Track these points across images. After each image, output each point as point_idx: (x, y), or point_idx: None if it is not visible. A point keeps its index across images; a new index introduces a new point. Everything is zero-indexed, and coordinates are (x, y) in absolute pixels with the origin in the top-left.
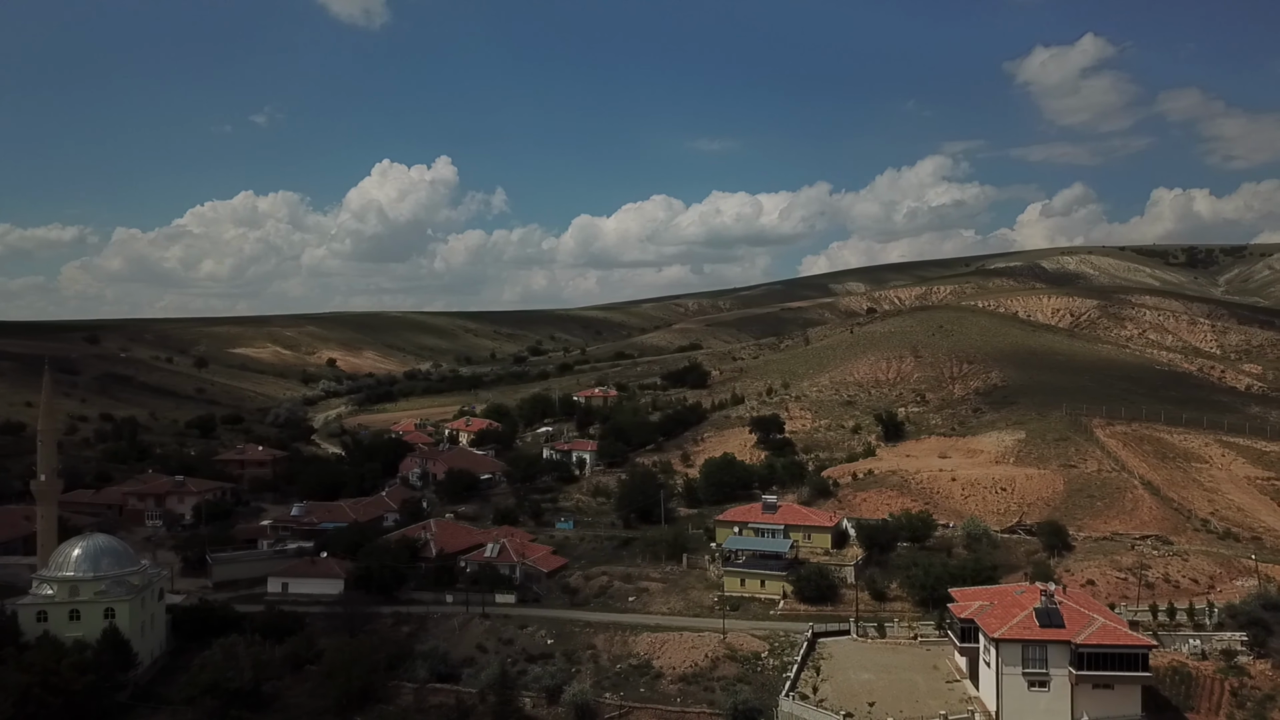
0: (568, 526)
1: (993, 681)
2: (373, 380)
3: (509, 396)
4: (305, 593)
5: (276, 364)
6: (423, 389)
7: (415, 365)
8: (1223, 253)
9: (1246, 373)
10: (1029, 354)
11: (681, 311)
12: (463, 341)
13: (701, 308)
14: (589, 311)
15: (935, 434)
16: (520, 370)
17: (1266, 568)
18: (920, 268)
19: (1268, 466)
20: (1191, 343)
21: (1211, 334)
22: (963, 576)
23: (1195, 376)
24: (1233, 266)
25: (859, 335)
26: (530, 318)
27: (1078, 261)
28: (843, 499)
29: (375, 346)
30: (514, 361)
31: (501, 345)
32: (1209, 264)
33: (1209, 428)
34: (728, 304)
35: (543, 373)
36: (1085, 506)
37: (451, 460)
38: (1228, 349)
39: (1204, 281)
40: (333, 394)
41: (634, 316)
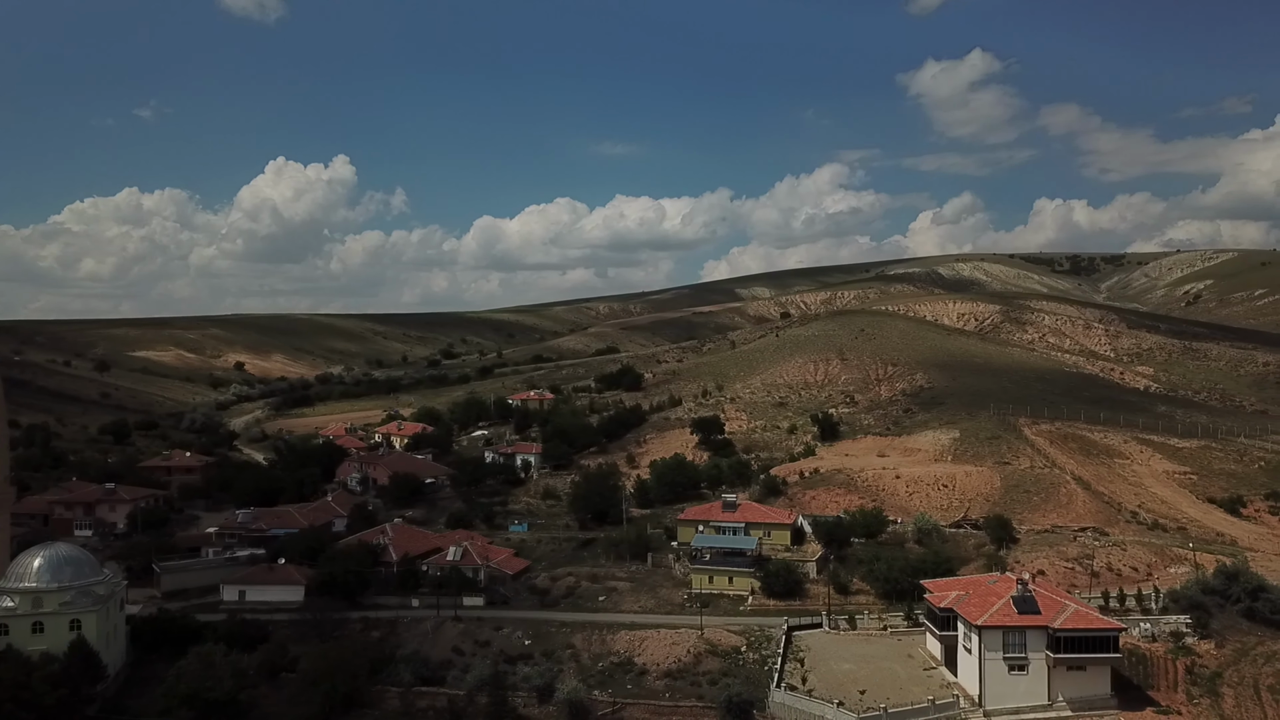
0: (522, 529)
1: (974, 667)
2: (286, 384)
3: (432, 400)
4: (264, 600)
5: (181, 367)
6: (340, 393)
7: (326, 369)
8: (1103, 261)
9: (1141, 374)
10: (948, 356)
11: (593, 315)
12: (372, 345)
13: (613, 311)
14: (499, 314)
15: (870, 434)
16: (439, 373)
17: (1196, 555)
18: (822, 273)
19: (1182, 462)
20: (1088, 346)
21: (1105, 338)
22: (923, 570)
23: (1101, 378)
24: (1113, 274)
25: (784, 339)
26: (439, 320)
27: (971, 268)
28: (793, 497)
29: (283, 350)
30: (428, 365)
31: (412, 348)
32: (1091, 271)
33: (1125, 426)
34: (638, 308)
35: (463, 376)
36: (1023, 501)
37: (392, 464)
38: (1120, 352)
39: (1087, 288)
40: (245, 398)
41: (546, 319)
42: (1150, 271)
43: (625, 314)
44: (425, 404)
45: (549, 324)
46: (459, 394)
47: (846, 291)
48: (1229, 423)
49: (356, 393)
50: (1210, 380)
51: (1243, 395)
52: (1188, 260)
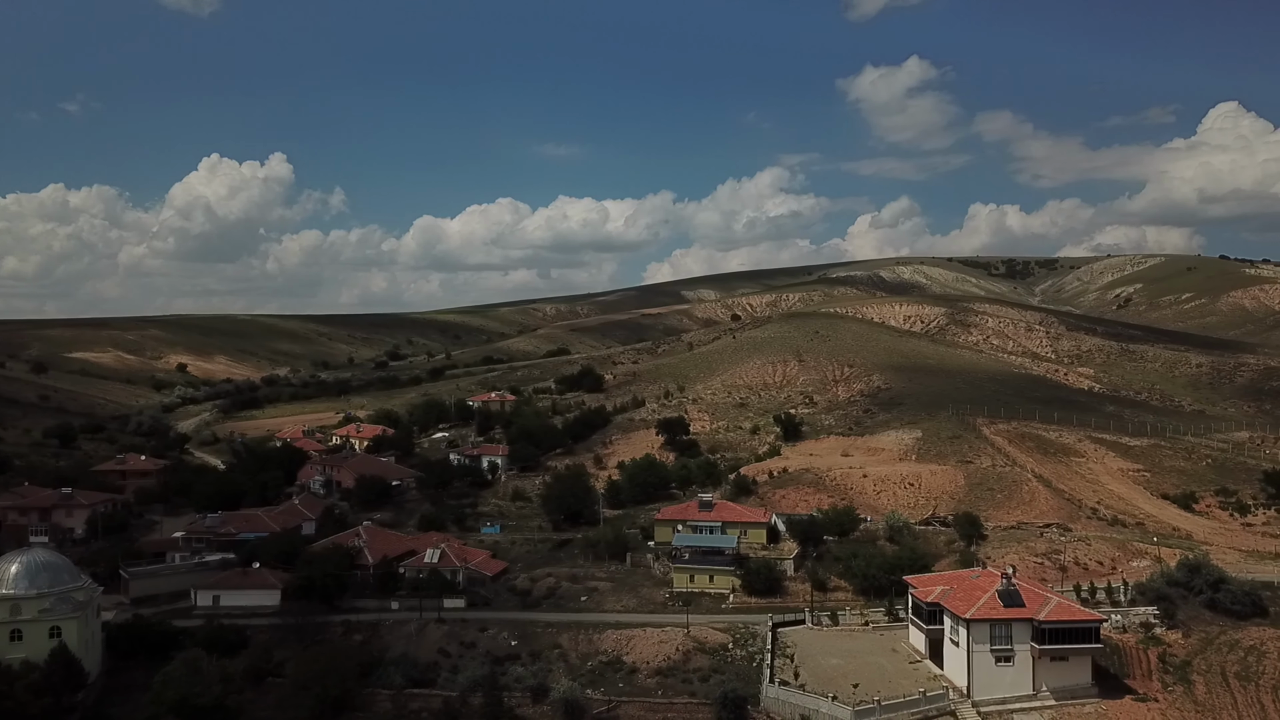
0: (494, 531)
1: (962, 659)
2: (232, 386)
3: (384, 402)
4: (239, 605)
5: (121, 369)
6: (289, 395)
7: (271, 370)
8: (1037, 264)
9: (1083, 375)
10: (901, 358)
11: (540, 316)
12: (317, 346)
13: (559, 313)
14: (445, 315)
15: (833, 434)
16: (389, 375)
17: (1157, 549)
18: (766, 276)
19: (1135, 459)
20: (1030, 348)
21: (1046, 340)
22: (899, 566)
23: (1048, 379)
24: (1047, 277)
25: (742, 340)
26: (384, 321)
27: (912, 271)
28: (763, 496)
29: (227, 351)
30: (375, 366)
31: (358, 350)
32: (1026, 275)
33: (1078, 426)
34: (585, 309)
35: (414, 378)
36: (987, 499)
37: (357, 467)
38: (1061, 354)
39: (1023, 291)
40: (190, 400)
41: (492, 321)
42: (1082, 275)
43: (572, 315)
44: (378, 406)
45: (495, 325)
46: (412, 396)
47: (791, 294)
48: (1171, 422)
49: (306, 395)
50: (1148, 381)
51: (1179, 395)
52: (1118, 265)
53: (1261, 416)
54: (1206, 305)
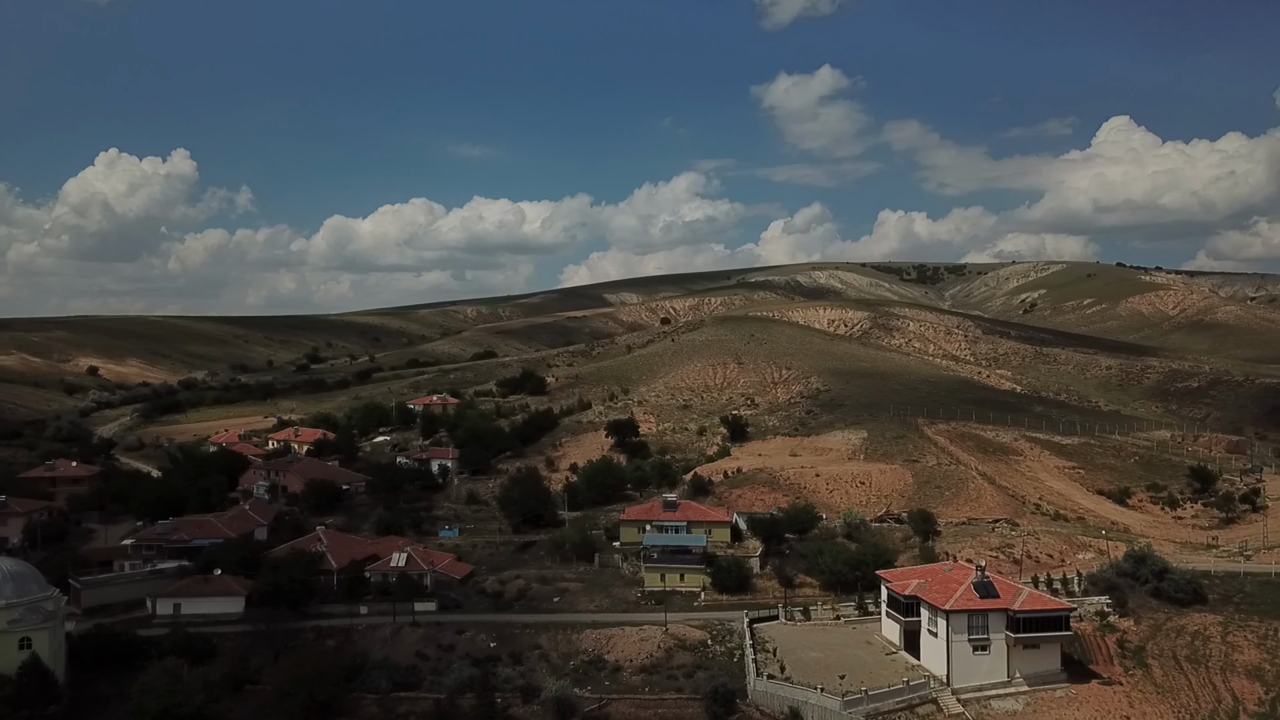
0: (453, 534)
1: (940, 649)
2: (150, 390)
3: (313, 405)
4: (202, 613)
5: (27, 373)
6: (213, 399)
7: (187, 374)
8: (947, 270)
9: (1002, 377)
10: (836, 360)
11: (461, 319)
12: (234, 348)
13: (481, 315)
14: (363, 317)
15: (779, 435)
16: (316, 378)
17: (1100, 542)
18: (686, 280)
19: (1068, 457)
20: (950, 351)
21: (965, 343)
22: (864, 562)
23: (975, 381)
24: (956, 283)
25: (680, 343)
26: (301, 323)
27: (828, 276)
28: (720, 496)
29: (139, 354)
30: (297, 369)
31: (276, 352)
32: (936, 280)
33: (1012, 425)
34: (508, 311)
35: (342, 381)
36: (935, 496)
37: (303, 471)
38: (979, 357)
39: (933, 296)
40: (106, 405)
41: (412, 323)
42: (989, 281)
43: (494, 318)
44: (308, 409)
45: (415, 328)
46: (343, 399)
47: (713, 298)
48: (1094, 421)
49: (229, 398)
50: (1062, 382)
51: (1092, 396)
52: (1022, 271)
53: (1169, 416)
54: (1107, 310)
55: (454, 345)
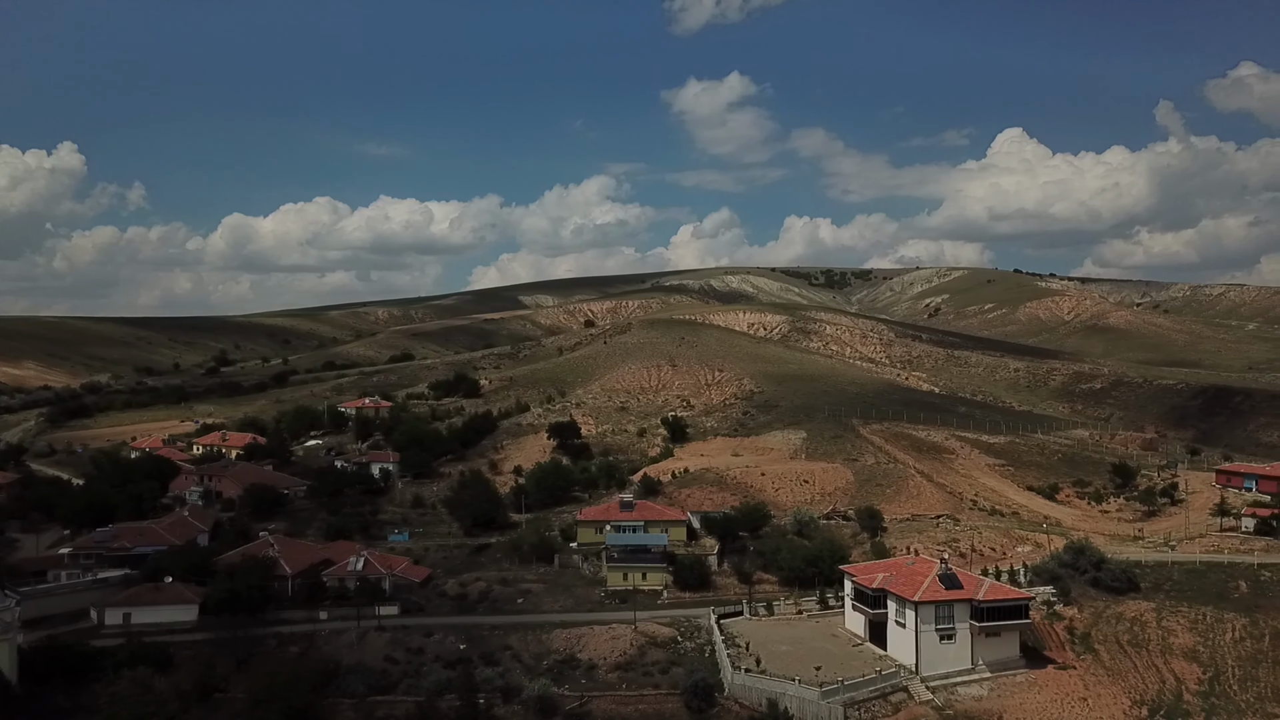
0: (403, 538)
1: (908, 639)
2: (52, 394)
3: (233, 409)
4: (154, 622)
5: None
6: (123, 402)
7: (90, 377)
8: (853, 275)
9: (918, 378)
10: (766, 363)
11: (372, 320)
12: (137, 351)
13: (393, 317)
14: (272, 319)
15: (719, 435)
16: (232, 381)
17: (1037, 536)
18: (601, 283)
19: (997, 455)
20: (866, 354)
21: (880, 346)
22: (820, 558)
23: (898, 383)
24: (862, 288)
25: (613, 346)
26: (207, 325)
27: (740, 280)
28: (670, 495)
29: (35, 356)
30: (206, 372)
31: (181, 354)
32: (843, 285)
33: (941, 425)
34: (420, 313)
35: (260, 384)
36: (877, 494)
37: (241, 477)
38: (894, 359)
39: (841, 300)
40: (5, 409)
41: (322, 325)
42: (894, 286)
43: (407, 320)
44: (225, 413)
45: (327, 330)
46: (263, 403)
47: (630, 301)
48: (1013, 421)
49: (140, 402)
50: (974, 384)
51: (1004, 397)
52: (925, 277)
53: (1077, 415)
54: (1007, 315)
55: (369, 348)
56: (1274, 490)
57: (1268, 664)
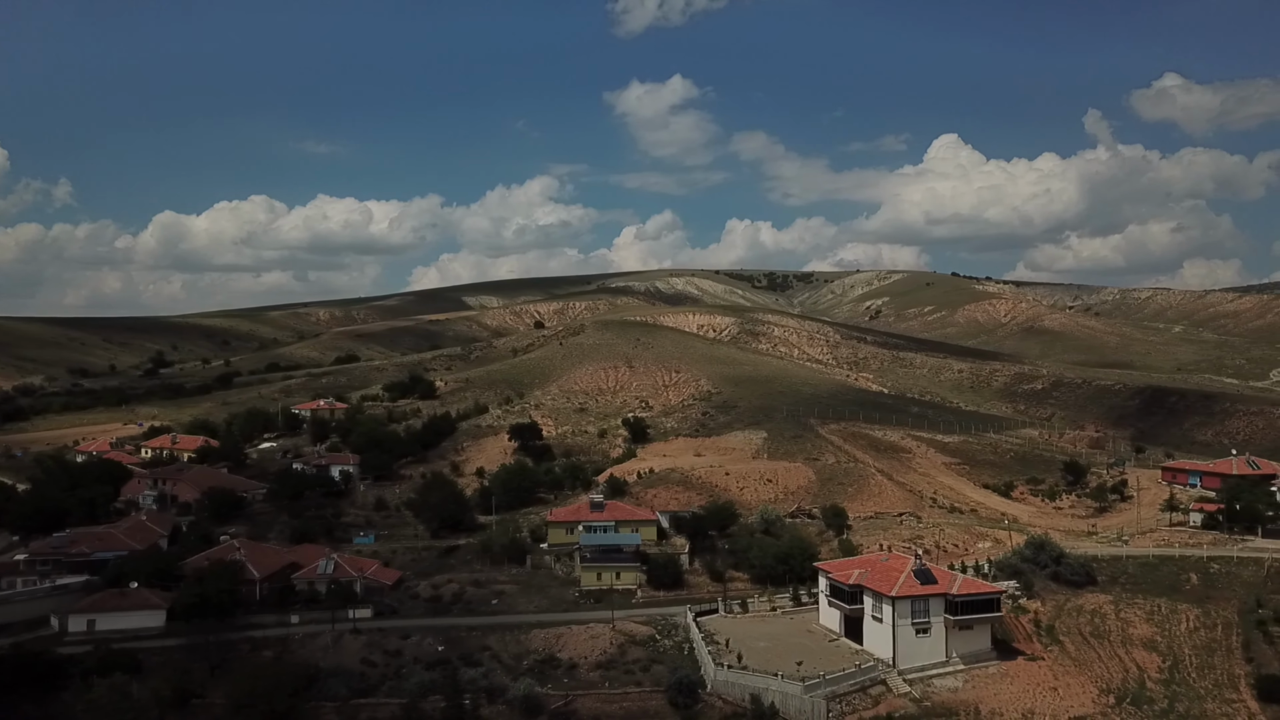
0: (368, 541)
1: (885, 633)
2: None
3: (177, 412)
4: (120, 628)
5: None
6: (60, 405)
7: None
8: (795, 278)
9: (866, 379)
10: (721, 364)
11: (314, 321)
12: (70, 352)
13: (335, 318)
14: (210, 320)
15: (680, 436)
16: (176, 383)
17: (997, 532)
18: (546, 284)
19: (952, 454)
20: (814, 355)
21: (826, 347)
22: (791, 555)
23: (850, 384)
24: (804, 290)
25: (568, 347)
26: (142, 325)
27: (684, 282)
28: (637, 495)
29: None
30: (145, 374)
31: (117, 356)
32: (785, 287)
33: (896, 425)
34: (363, 314)
35: (204, 386)
36: (840, 492)
37: (198, 480)
38: (841, 360)
39: (783, 302)
40: None
41: (262, 326)
42: (835, 289)
43: (349, 321)
44: (170, 416)
45: (267, 330)
46: (209, 405)
47: (577, 302)
48: (965, 421)
49: (79, 405)
50: (919, 385)
51: (950, 398)
52: (866, 279)
53: (1020, 415)
54: (946, 317)
55: (313, 349)
56: (1217, 486)
57: (1222, 652)
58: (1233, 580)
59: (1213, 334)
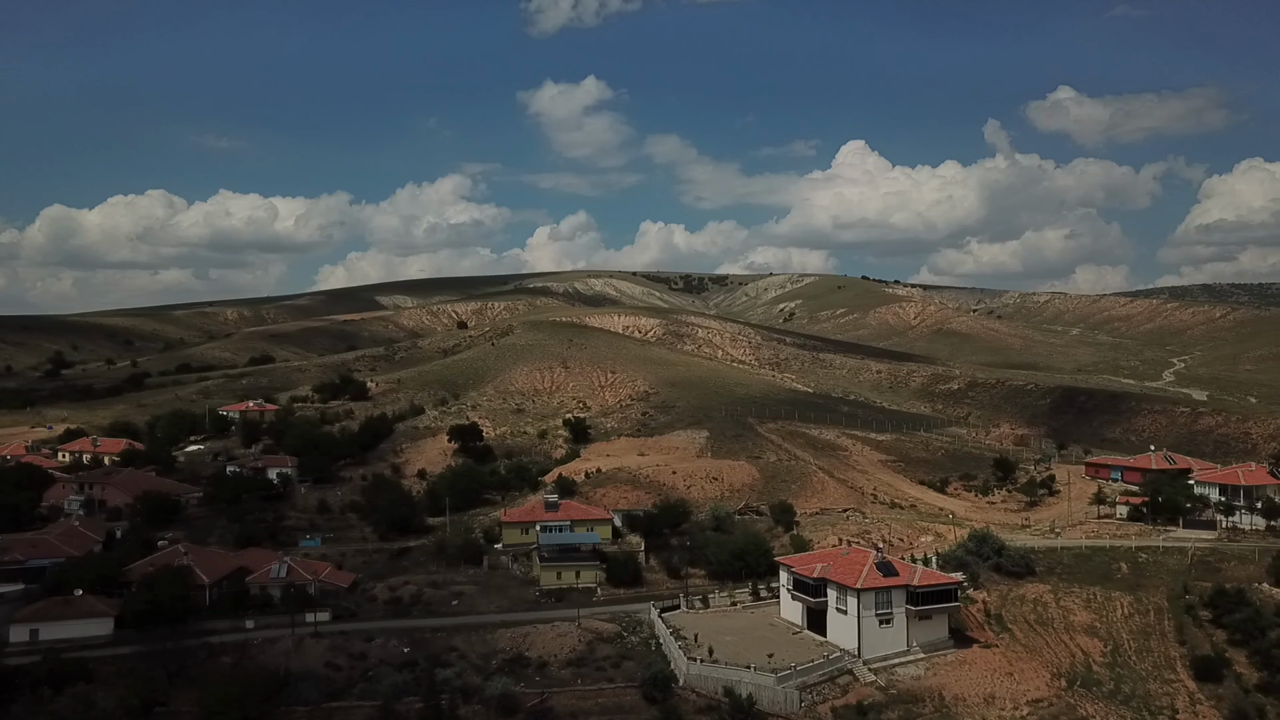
0: (315, 544)
1: (850, 625)
2: None
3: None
4: (66, 637)
5: None
6: None
7: None
8: (711, 280)
9: (791, 379)
10: (655, 365)
11: (221, 321)
12: None
13: (244, 318)
14: (111, 319)
15: (622, 436)
16: (84, 384)
17: (938, 526)
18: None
19: (887, 452)
20: (737, 356)
21: (749, 348)
22: (746, 551)
23: (781, 384)
24: (719, 293)
25: (501, 348)
26: (38, 324)
27: (603, 284)
28: (586, 495)
29: None
30: (44, 375)
31: (12, 356)
32: (701, 289)
33: (830, 424)
34: (272, 314)
35: (114, 387)
36: (784, 489)
37: (129, 485)
38: (763, 361)
39: (699, 304)
40: None
41: (167, 325)
42: (749, 291)
43: (259, 320)
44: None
45: (173, 330)
46: (122, 407)
47: (496, 303)
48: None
49: None
50: (841, 385)
51: (871, 397)
52: (779, 283)
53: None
54: (858, 319)
55: (224, 350)
56: (1138, 481)
57: (1157, 636)
58: (1159, 569)
59: (1107, 336)
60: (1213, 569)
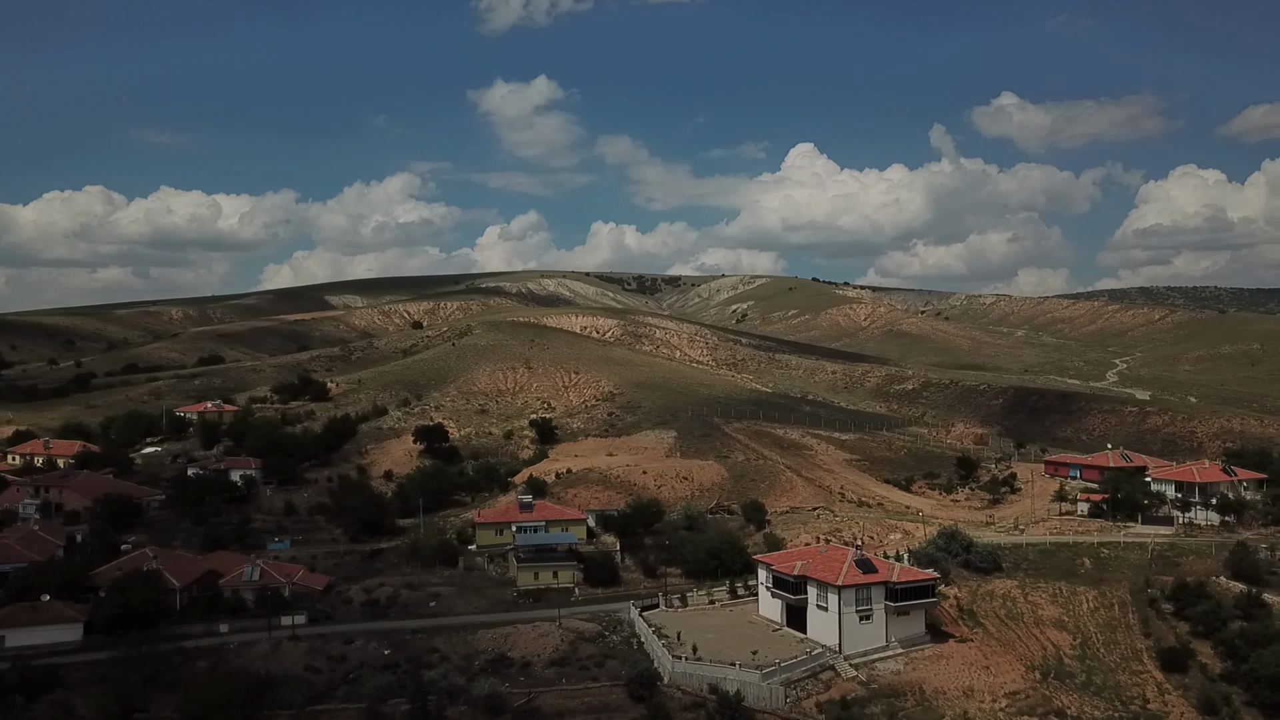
0: (284, 546)
1: (829, 621)
2: None
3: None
4: (32, 644)
5: None
6: None
7: None
8: (663, 281)
9: (749, 379)
10: (619, 365)
11: (166, 320)
12: None
13: (190, 318)
14: (50, 318)
15: (590, 436)
16: (28, 384)
17: (905, 524)
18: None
19: (851, 451)
20: (695, 356)
21: (706, 349)
22: (722, 550)
23: (743, 384)
24: (672, 293)
25: (462, 348)
26: None
27: (556, 284)
28: (557, 495)
29: None
30: None
31: None
32: (654, 290)
33: (794, 423)
34: (219, 313)
35: (59, 388)
36: (753, 489)
37: (88, 487)
38: (721, 361)
39: (652, 305)
40: None
41: (110, 325)
42: (702, 292)
43: (205, 320)
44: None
45: (116, 330)
46: (70, 408)
47: (449, 303)
48: (855, 420)
49: None
50: (798, 385)
51: (828, 397)
52: (731, 284)
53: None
54: (810, 321)
55: (172, 350)
56: (1096, 479)
57: (1122, 629)
58: (1121, 563)
59: (1051, 338)
60: (1172, 563)
